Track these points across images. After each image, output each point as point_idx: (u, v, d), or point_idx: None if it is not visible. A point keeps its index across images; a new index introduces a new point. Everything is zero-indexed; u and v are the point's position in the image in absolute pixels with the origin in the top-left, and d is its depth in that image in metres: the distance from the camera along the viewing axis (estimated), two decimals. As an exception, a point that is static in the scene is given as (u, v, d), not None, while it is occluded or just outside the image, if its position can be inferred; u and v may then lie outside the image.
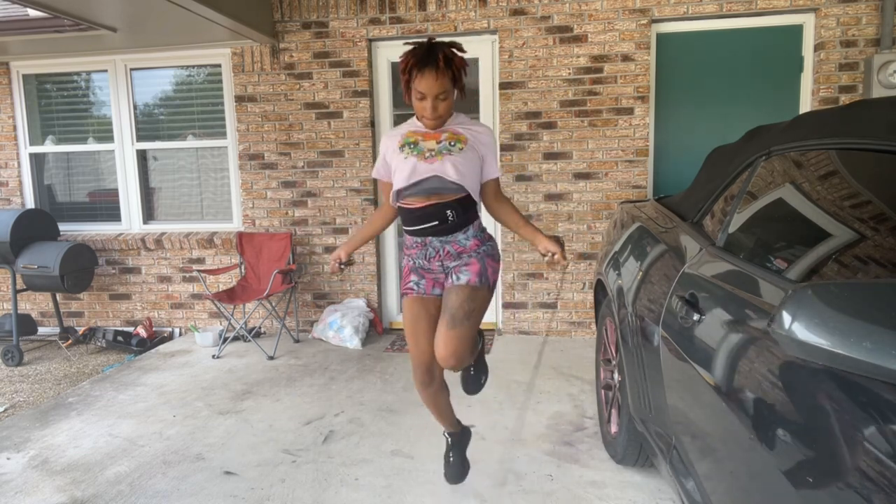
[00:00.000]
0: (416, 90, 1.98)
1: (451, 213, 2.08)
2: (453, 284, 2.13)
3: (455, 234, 2.11)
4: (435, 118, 2.02)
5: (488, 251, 2.18)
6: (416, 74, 1.94)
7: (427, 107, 1.98)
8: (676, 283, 1.95)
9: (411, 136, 2.11)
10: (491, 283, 2.17)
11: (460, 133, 2.10)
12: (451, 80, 1.98)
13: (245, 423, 3.32)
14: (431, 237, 2.12)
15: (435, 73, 1.92)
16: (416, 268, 2.20)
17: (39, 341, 5.38)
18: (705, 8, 4.32)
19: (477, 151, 2.11)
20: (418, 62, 1.93)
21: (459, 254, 2.13)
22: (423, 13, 4.62)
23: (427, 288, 2.18)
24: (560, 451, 2.90)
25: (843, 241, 1.36)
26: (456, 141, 2.07)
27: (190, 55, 5.07)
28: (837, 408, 1.07)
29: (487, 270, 2.15)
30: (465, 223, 2.12)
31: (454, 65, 1.97)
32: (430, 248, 2.14)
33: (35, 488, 2.71)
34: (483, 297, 2.14)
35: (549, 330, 4.79)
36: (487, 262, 2.15)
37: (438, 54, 1.93)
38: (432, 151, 2.05)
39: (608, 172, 4.57)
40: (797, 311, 1.00)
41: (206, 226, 5.30)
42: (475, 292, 2.10)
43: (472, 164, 2.09)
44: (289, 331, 4.94)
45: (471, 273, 2.12)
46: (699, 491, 1.64)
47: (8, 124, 5.41)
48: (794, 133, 1.79)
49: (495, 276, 2.19)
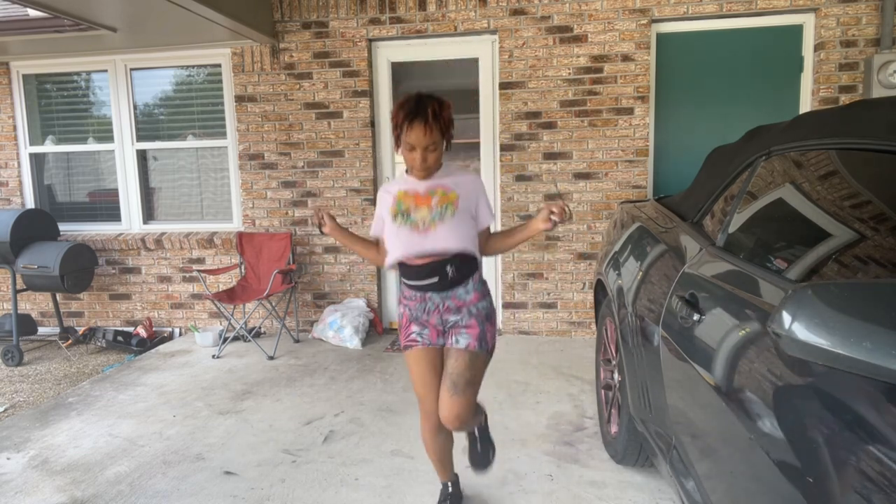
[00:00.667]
0: (405, 142, 2.03)
1: (450, 268, 2.10)
2: (453, 347, 2.15)
3: (455, 289, 2.13)
4: (424, 169, 2.07)
5: (487, 311, 2.19)
6: (406, 127, 2.00)
7: (417, 158, 2.03)
8: (676, 283, 1.95)
9: (403, 201, 2.12)
10: (490, 348, 2.19)
11: (450, 190, 2.11)
12: (440, 132, 2.03)
13: (245, 423, 3.32)
14: (431, 293, 2.13)
15: (423, 126, 1.98)
16: (415, 318, 2.20)
17: (39, 341, 5.38)
18: (705, 8, 4.32)
19: (469, 210, 2.13)
20: (408, 115, 1.99)
21: (458, 308, 2.15)
22: (423, 13, 4.62)
23: (432, 338, 2.18)
24: (560, 451, 2.90)
25: (843, 241, 1.36)
26: (447, 204, 2.09)
27: (190, 55, 5.07)
28: (837, 408, 1.07)
29: (486, 335, 2.17)
30: (465, 277, 2.14)
31: (442, 119, 2.03)
32: (430, 303, 2.15)
33: (35, 488, 2.71)
34: (482, 363, 2.17)
35: (549, 330, 4.79)
36: (486, 326, 2.17)
37: (427, 108, 1.99)
38: (425, 222, 2.08)
39: (608, 172, 4.57)
40: (797, 311, 1.00)
41: (206, 226, 5.30)
42: (475, 359, 2.13)
43: (466, 223, 2.12)
44: (289, 331, 4.94)
45: (471, 337, 2.13)
46: (699, 491, 1.64)
47: (8, 124, 5.41)
48: (794, 133, 1.79)
49: (494, 341, 2.21)
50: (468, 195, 2.13)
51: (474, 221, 2.16)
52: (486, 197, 2.20)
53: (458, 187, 2.12)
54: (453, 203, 2.09)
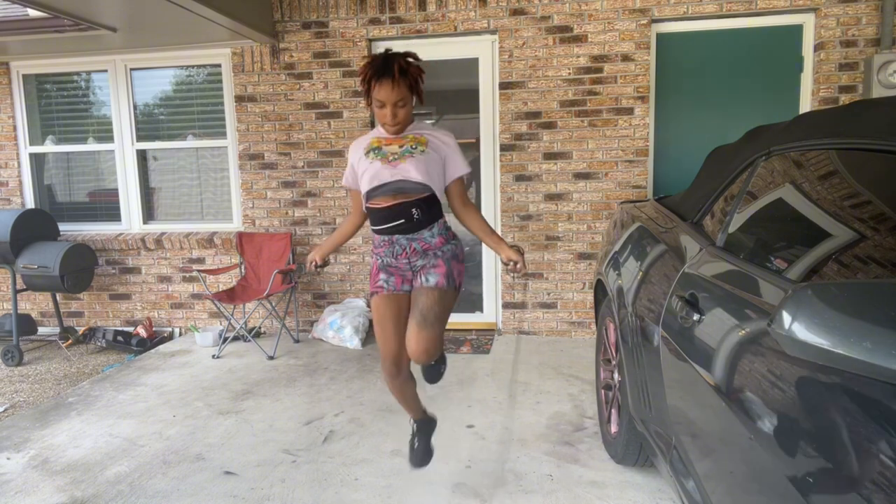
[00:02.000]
0: (375, 99, 2.11)
1: (416, 210, 2.18)
2: (422, 286, 2.23)
3: (420, 232, 2.21)
4: (395, 124, 2.15)
5: (454, 251, 2.29)
6: (374, 84, 2.08)
7: (387, 114, 2.12)
8: (676, 283, 1.95)
9: (376, 143, 2.24)
10: (457, 285, 2.28)
11: (422, 136, 2.22)
12: (409, 88, 2.12)
13: (245, 423, 3.32)
14: (398, 235, 2.21)
15: (391, 83, 2.06)
16: (385, 266, 2.30)
17: (39, 341, 5.38)
18: (705, 8, 4.32)
19: (438, 153, 2.23)
20: (375, 73, 2.07)
21: (425, 251, 2.23)
22: (423, 13, 4.62)
23: (396, 285, 2.28)
24: (560, 451, 2.90)
25: (843, 241, 1.36)
26: (417, 143, 2.20)
27: (190, 55, 5.07)
28: (837, 408, 1.07)
29: (453, 272, 2.26)
30: (430, 221, 2.22)
31: (410, 74, 2.11)
32: (397, 246, 2.23)
33: (35, 488, 2.71)
34: (450, 299, 2.26)
35: (549, 330, 4.79)
36: (453, 264, 2.27)
37: (394, 65, 2.07)
38: (395, 154, 2.17)
39: (608, 172, 4.57)
40: (797, 311, 1.00)
41: (206, 226, 5.30)
42: (444, 294, 2.22)
43: (435, 164, 2.21)
44: (289, 331, 4.94)
45: (439, 275, 2.23)
46: (699, 491, 1.64)
47: (8, 124, 5.41)
48: (794, 133, 1.79)
49: (461, 278, 2.31)
50: (439, 145, 2.23)
51: (443, 170, 2.25)
52: (459, 152, 2.28)
53: (430, 136, 2.24)
54: (423, 144, 2.20)
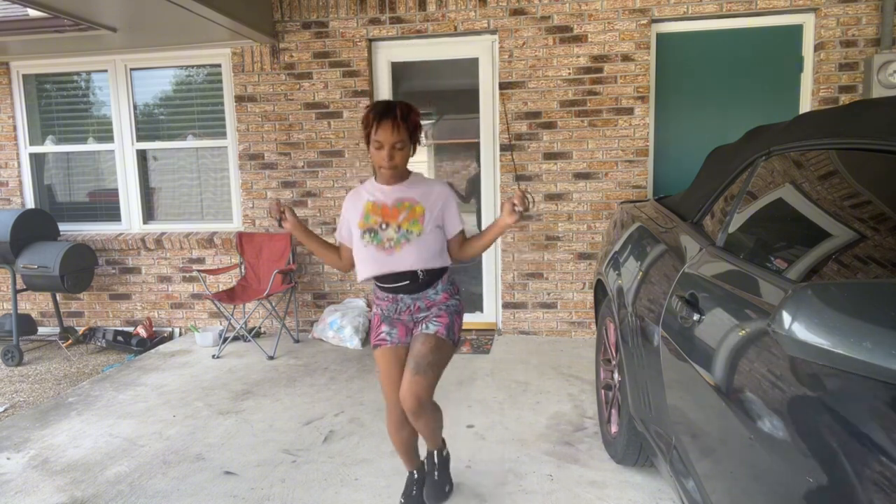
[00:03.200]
0: (374, 140, 2.12)
1: (421, 273, 2.21)
2: (421, 332, 2.25)
3: (426, 291, 2.25)
4: (391, 167, 2.14)
5: (457, 308, 2.32)
6: (375, 125, 2.11)
7: (384, 156, 2.12)
8: (676, 283, 1.95)
9: (371, 216, 2.21)
10: (456, 339, 2.30)
11: (416, 203, 2.20)
12: (407, 132, 2.14)
13: (245, 423, 3.32)
14: (402, 294, 2.25)
15: (391, 124, 2.09)
16: (387, 317, 2.31)
17: (39, 341, 5.38)
18: (705, 8, 4.32)
19: (435, 219, 2.22)
20: (378, 114, 2.12)
21: (429, 307, 2.27)
22: (423, 13, 4.62)
23: (400, 337, 2.29)
24: (560, 451, 2.90)
25: (843, 241, 1.36)
26: (414, 221, 2.18)
27: (190, 55, 5.07)
28: (837, 408, 1.07)
29: (454, 326, 2.28)
30: (435, 279, 2.26)
31: (410, 120, 2.14)
32: (402, 304, 2.27)
33: (35, 488, 2.71)
34: (447, 351, 2.26)
35: (549, 330, 4.79)
36: (455, 318, 2.29)
37: (396, 109, 2.12)
38: (391, 241, 2.18)
39: (608, 172, 4.57)
40: (797, 311, 1.00)
41: (206, 226, 5.30)
42: (441, 344, 2.22)
43: (433, 239, 2.21)
44: (289, 331, 4.94)
45: (440, 325, 2.24)
46: (699, 491, 1.64)
47: (8, 124, 5.41)
48: (794, 133, 1.79)
49: (459, 334, 2.33)
50: (434, 206, 2.22)
51: (442, 232, 2.25)
52: (455, 204, 2.28)
53: (424, 199, 2.22)
54: (419, 221, 2.19)
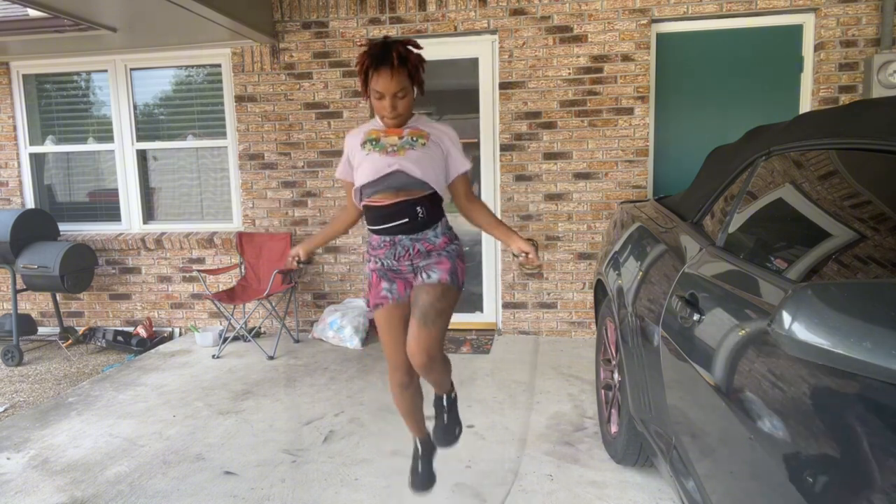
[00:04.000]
0: (373, 90, 1.97)
1: (420, 209, 2.05)
2: (423, 282, 2.09)
3: (424, 231, 2.08)
4: (395, 116, 2.01)
5: (457, 251, 2.17)
6: (372, 74, 1.94)
7: (386, 105, 1.98)
8: (676, 283, 1.95)
9: (373, 133, 2.09)
10: (460, 284, 2.15)
11: (422, 130, 2.09)
12: (408, 77, 1.97)
13: (245, 423, 3.32)
14: (401, 235, 2.08)
15: (390, 72, 1.92)
16: (385, 270, 2.15)
17: (39, 341, 5.38)
18: (705, 8, 4.32)
19: (440, 147, 2.09)
20: (373, 61, 1.93)
21: (429, 252, 2.10)
22: (423, 13, 4.62)
23: (400, 292, 2.16)
24: (560, 451, 2.90)
25: (843, 241, 1.36)
26: (418, 136, 2.06)
27: (190, 55, 5.07)
28: (837, 408, 1.07)
29: (457, 270, 2.13)
30: (434, 220, 2.10)
31: (409, 62, 1.96)
32: (400, 247, 2.09)
33: (35, 488, 2.71)
34: (453, 297, 2.12)
35: (549, 330, 4.79)
36: (457, 262, 2.14)
37: (393, 52, 1.92)
38: (394, 146, 2.03)
39: (608, 172, 4.57)
40: (797, 311, 1.00)
41: (206, 226, 5.30)
42: (447, 291, 2.08)
43: (435, 160, 2.08)
44: (289, 331, 4.94)
45: (442, 271, 2.09)
46: (699, 491, 1.64)
47: (8, 124, 5.41)
48: (794, 133, 1.79)
49: (464, 277, 2.19)
50: (440, 138, 2.10)
51: (444, 164, 2.12)
52: (460, 147, 2.15)
53: (431, 129, 2.10)
54: (424, 137, 2.06)
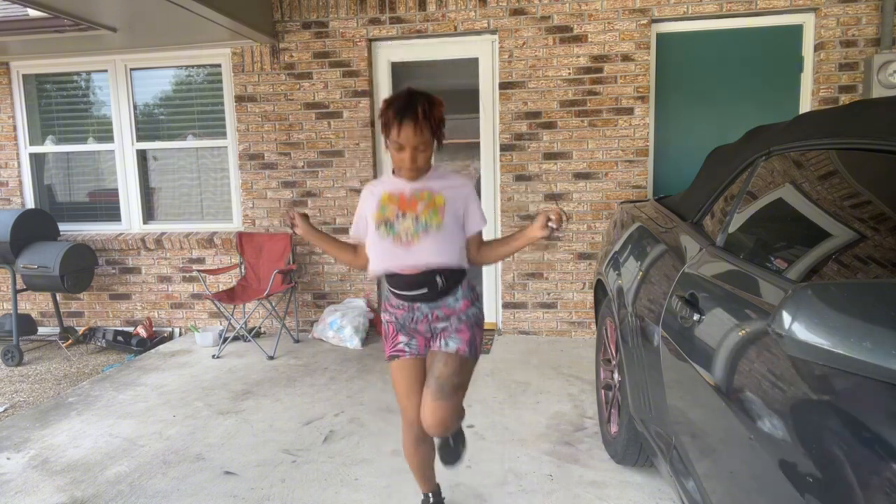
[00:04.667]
0: (395, 142, 1.92)
1: (440, 279, 2.01)
2: (441, 350, 2.05)
3: (445, 298, 2.05)
4: (414, 170, 1.97)
5: (477, 317, 2.13)
6: (395, 126, 1.89)
7: (406, 158, 1.93)
8: (676, 283, 1.95)
9: (387, 207, 2.02)
10: (477, 354, 2.12)
11: (436, 194, 2.01)
12: (430, 131, 1.93)
13: (245, 423, 3.32)
14: (420, 303, 2.05)
15: (414, 125, 1.87)
16: (402, 326, 2.12)
17: (39, 341, 5.38)
18: (705, 8, 4.32)
19: (456, 213, 2.02)
20: (397, 113, 1.88)
21: (448, 316, 2.07)
22: (423, 13, 4.62)
23: (419, 348, 2.12)
24: (560, 451, 2.90)
25: (843, 241, 1.36)
26: (433, 213, 1.98)
27: (190, 55, 5.07)
28: (837, 408, 1.07)
29: (476, 340, 2.10)
30: (455, 285, 2.06)
31: (433, 117, 1.92)
32: (419, 313, 2.07)
33: (35, 488, 2.71)
34: (470, 368, 2.10)
35: (549, 330, 4.79)
36: (476, 331, 2.11)
37: (418, 107, 1.88)
38: (409, 233, 1.98)
39: (608, 172, 4.57)
40: (797, 311, 1.00)
41: (206, 226, 5.30)
42: (465, 364, 2.05)
43: (453, 234, 2.02)
44: (289, 331, 4.94)
45: (461, 341, 2.05)
46: (699, 491, 1.64)
47: (8, 124, 5.41)
48: (794, 133, 1.79)
49: (481, 347, 2.17)
50: (456, 200, 2.02)
51: (462, 229, 2.05)
52: (478, 202, 2.10)
53: (445, 191, 2.02)
54: (439, 212, 1.99)
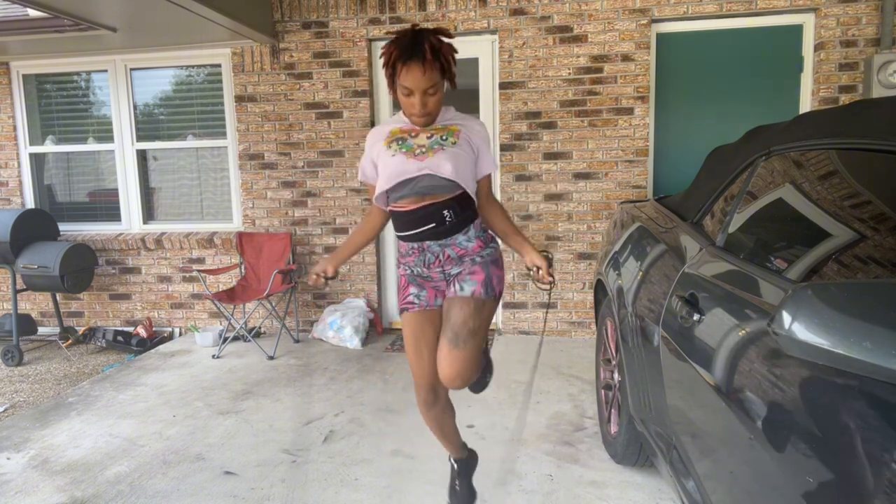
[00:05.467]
0: (401, 85, 1.78)
1: (448, 213, 1.88)
2: (456, 295, 1.92)
3: (455, 236, 1.91)
4: (424, 115, 1.84)
5: (493, 256, 1.99)
6: (400, 68, 1.75)
7: (416, 103, 1.80)
8: (676, 283, 1.95)
9: (398, 132, 1.92)
10: (497, 294, 1.98)
11: (452, 125, 1.92)
12: (440, 71, 1.78)
13: (245, 423, 3.32)
14: (429, 241, 1.91)
15: (422, 66, 1.72)
16: (415, 276, 2.00)
17: (39, 341, 5.38)
18: (705, 8, 4.32)
19: (471, 144, 1.92)
20: (402, 54, 1.73)
21: (461, 257, 1.94)
22: (423, 13, 4.62)
23: (430, 299, 1.99)
24: (560, 451, 2.90)
25: (843, 241, 1.36)
26: (448, 134, 1.88)
27: (190, 55, 5.07)
28: (837, 408, 1.07)
29: (493, 280, 1.95)
30: (465, 223, 1.92)
31: (442, 54, 1.76)
32: (429, 254, 1.93)
33: (35, 488, 2.71)
34: (489, 310, 1.95)
35: (549, 330, 4.79)
36: (492, 269, 1.96)
37: (425, 44, 1.72)
38: (423, 147, 1.85)
39: (608, 172, 4.57)
40: (797, 311, 1.00)
41: (206, 226, 5.30)
42: (481, 306, 1.91)
43: (467, 158, 1.90)
44: (289, 331, 4.94)
45: (476, 283, 1.91)
46: (699, 491, 1.64)
47: (8, 124, 5.41)
48: (794, 133, 1.78)
49: (501, 286, 2.00)
50: (472, 134, 1.93)
51: (474, 161, 1.93)
52: (490, 145, 2.00)
53: (461, 125, 1.93)
54: (455, 134, 1.88)
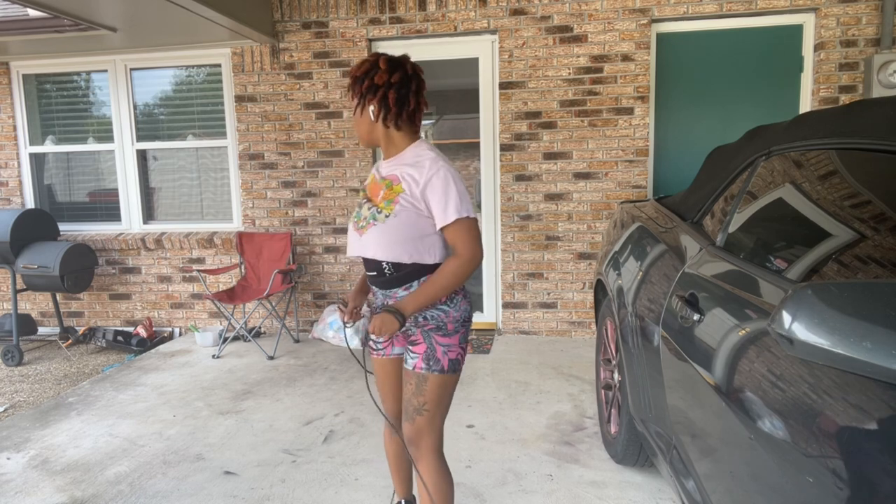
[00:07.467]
0: None
1: (387, 266, 1.82)
2: (404, 366, 1.88)
3: (395, 289, 1.83)
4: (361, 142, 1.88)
5: (438, 321, 1.80)
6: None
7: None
8: (676, 282, 1.95)
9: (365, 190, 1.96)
10: (444, 366, 1.81)
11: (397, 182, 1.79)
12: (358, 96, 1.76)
13: (245, 423, 3.32)
14: (375, 287, 1.90)
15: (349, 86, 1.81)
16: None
17: (39, 341, 5.38)
18: (705, 8, 4.32)
19: (415, 203, 1.75)
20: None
21: None
22: (423, 13, 4.62)
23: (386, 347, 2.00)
24: (560, 451, 2.90)
25: (843, 241, 1.36)
26: (387, 203, 1.78)
27: (190, 55, 5.08)
28: (837, 408, 1.07)
29: (436, 352, 1.80)
30: (407, 279, 1.81)
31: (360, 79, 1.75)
32: (377, 299, 1.93)
33: (35, 488, 2.71)
34: (435, 385, 1.81)
35: (549, 330, 4.79)
36: (435, 338, 1.80)
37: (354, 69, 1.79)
38: (364, 221, 1.83)
39: (608, 172, 4.57)
40: (797, 311, 1.00)
41: (206, 226, 5.30)
42: (422, 382, 1.81)
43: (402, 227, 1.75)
44: (289, 331, 4.94)
45: (417, 356, 1.82)
46: (699, 491, 1.64)
47: (8, 124, 5.41)
48: (795, 133, 1.78)
49: (453, 353, 1.82)
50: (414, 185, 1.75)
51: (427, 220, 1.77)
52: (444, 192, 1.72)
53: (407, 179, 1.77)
54: (393, 202, 1.77)
